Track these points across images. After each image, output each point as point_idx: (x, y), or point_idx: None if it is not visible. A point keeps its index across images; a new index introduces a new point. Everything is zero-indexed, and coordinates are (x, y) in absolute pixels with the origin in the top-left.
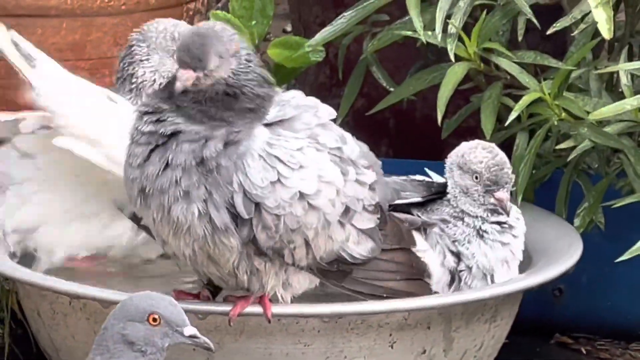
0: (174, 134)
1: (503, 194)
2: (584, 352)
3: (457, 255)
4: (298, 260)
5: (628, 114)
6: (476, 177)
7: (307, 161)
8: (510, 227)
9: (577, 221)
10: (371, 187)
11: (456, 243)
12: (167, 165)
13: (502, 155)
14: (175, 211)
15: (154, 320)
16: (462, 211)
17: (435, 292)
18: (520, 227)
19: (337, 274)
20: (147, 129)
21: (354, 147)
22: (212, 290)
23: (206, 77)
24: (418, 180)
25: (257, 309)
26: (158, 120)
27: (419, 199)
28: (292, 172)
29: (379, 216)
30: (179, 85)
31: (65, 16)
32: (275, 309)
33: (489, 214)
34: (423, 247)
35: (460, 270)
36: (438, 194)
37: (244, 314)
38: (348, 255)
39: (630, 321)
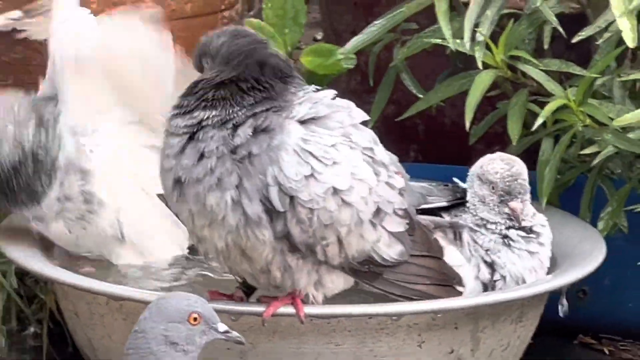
0: (199, 123)
1: (517, 204)
2: (607, 352)
3: (491, 266)
4: (331, 258)
5: None
6: (492, 188)
7: (341, 157)
8: (537, 234)
9: (600, 224)
10: (400, 192)
11: (489, 252)
12: (202, 155)
13: (518, 167)
14: (210, 200)
15: (194, 319)
16: (482, 219)
17: None
18: (547, 235)
19: (368, 275)
20: (178, 121)
21: (384, 152)
22: (246, 291)
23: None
24: (444, 184)
25: (290, 309)
26: (185, 112)
27: (444, 203)
28: (325, 168)
29: (407, 221)
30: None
31: None
32: (308, 310)
33: (508, 221)
34: (459, 262)
35: (495, 280)
36: (462, 198)
37: (277, 315)
38: (378, 257)
39: None
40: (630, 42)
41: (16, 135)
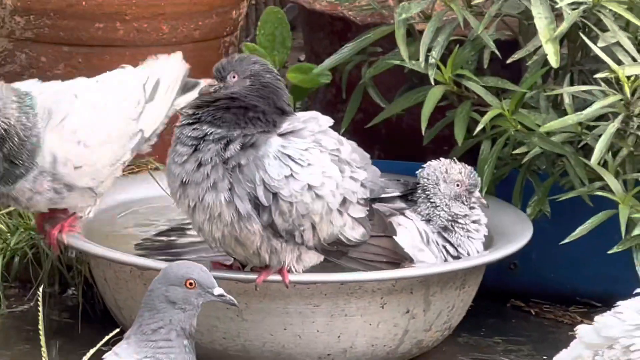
0: (203, 137)
1: (479, 193)
2: (533, 313)
3: (457, 257)
4: (306, 240)
5: (570, 127)
6: (458, 185)
7: (313, 159)
8: (480, 223)
9: (529, 210)
10: (362, 184)
11: (458, 247)
12: (200, 164)
13: (468, 167)
14: (207, 199)
15: (190, 284)
16: (456, 214)
17: None
18: (484, 219)
19: (336, 253)
20: (188, 133)
21: (348, 148)
22: (241, 262)
23: (225, 87)
24: (396, 179)
25: (278, 277)
26: (194, 123)
27: (398, 193)
28: (301, 169)
29: (368, 208)
30: (203, 88)
31: (128, 46)
32: (292, 277)
33: (472, 211)
34: (430, 259)
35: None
36: (413, 190)
37: (267, 281)
38: (345, 238)
39: (570, 289)
40: (553, 63)
41: (1, 109)
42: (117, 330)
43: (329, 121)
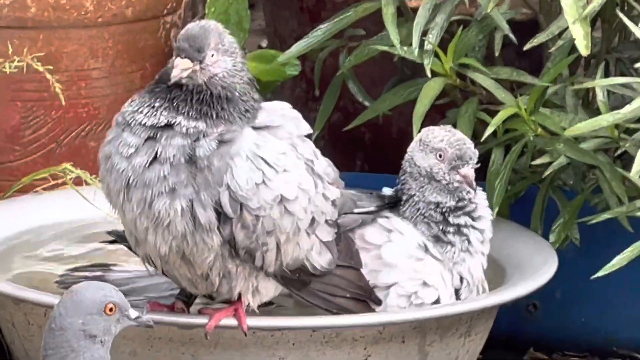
0: (167, 127)
1: (468, 170)
2: None
3: (460, 276)
4: (267, 264)
5: (604, 130)
6: (440, 155)
7: (290, 165)
8: (482, 231)
9: (552, 237)
10: (333, 203)
11: (456, 265)
12: (155, 158)
13: (460, 133)
14: (157, 205)
15: (110, 310)
16: (437, 204)
17: None
18: (488, 215)
19: (297, 283)
20: (144, 121)
21: (322, 161)
22: (185, 301)
23: (202, 70)
24: (370, 192)
25: (233, 321)
26: (155, 113)
27: (372, 208)
28: (276, 175)
29: (336, 231)
30: (175, 74)
31: (42, 28)
32: (251, 322)
33: (459, 201)
34: (434, 270)
35: (461, 288)
36: (389, 204)
37: (219, 327)
38: (310, 265)
39: (604, 337)
40: (583, 49)
41: None
42: None
43: (308, 129)
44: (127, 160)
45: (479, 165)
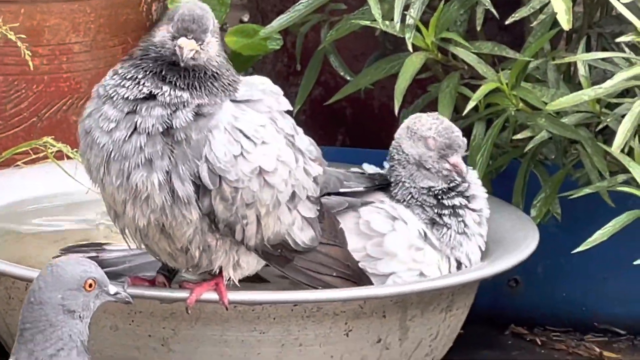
0: (149, 98)
1: (457, 158)
2: (539, 342)
3: (457, 260)
4: (248, 238)
5: (585, 105)
6: (426, 144)
7: (269, 137)
8: (480, 211)
9: (533, 212)
10: (315, 180)
11: (454, 250)
12: (134, 129)
13: (447, 121)
14: (134, 178)
15: (90, 285)
16: (428, 189)
17: None
18: (484, 198)
19: (279, 259)
20: (127, 94)
21: (304, 138)
22: (167, 275)
23: (203, 51)
24: (360, 172)
25: (214, 295)
26: (137, 86)
27: (361, 189)
28: (254, 147)
29: (318, 208)
30: (186, 55)
31: (23, 2)
32: (232, 296)
33: (450, 182)
34: (433, 261)
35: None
36: (380, 185)
37: (200, 301)
38: (292, 241)
39: (586, 312)
40: (565, 24)
41: None
42: None
43: (288, 105)
44: (108, 135)
45: (467, 153)
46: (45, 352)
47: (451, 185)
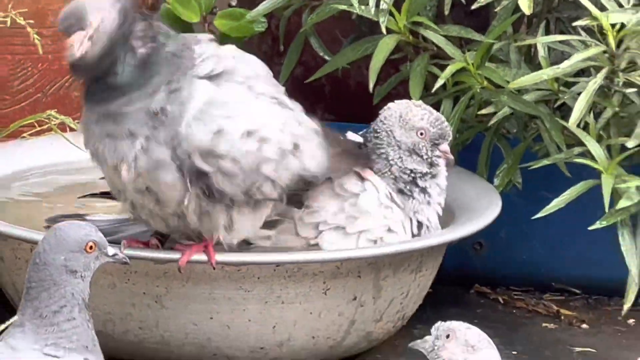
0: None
1: (447, 147)
2: (502, 301)
3: (419, 223)
4: (269, 194)
5: (544, 83)
6: (421, 134)
7: (245, 106)
8: (441, 185)
9: (496, 181)
10: (308, 126)
11: (417, 214)
12: (120, 115)
13: (436, 112)
14: (122, 148)
15: (90, 248)
16: (411, 170)
17: None
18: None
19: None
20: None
21: (287, 98)
22: (160, 239)
23: (97, 34)
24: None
25: (203, 257)
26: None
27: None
28: (230, 120)
29: (320, 134)
30: (74, 51)
31: None
32: (219, 257)
33: (431, 167)
34: (399, 218)
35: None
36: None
37: (191, 262)
38: (307, 173)
39: (544, 273)
40: (526, 9)
41: None
42: (15, 318)
43: (265, 69)
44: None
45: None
46: (49, 308)
47: (431, 170)
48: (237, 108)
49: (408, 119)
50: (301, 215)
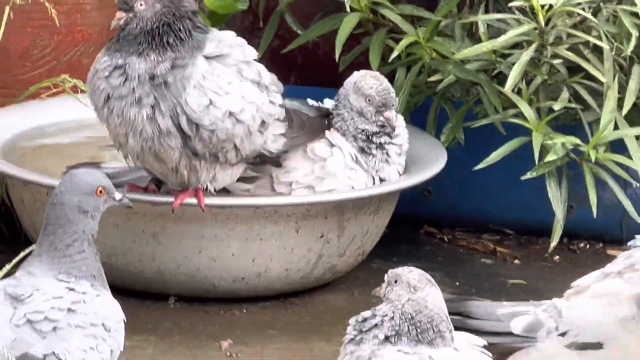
0: (136, 52)
1: (390, 114)
2: (446, 240)
3: (382, 180)
4: (230, 159)
5: (484, 55)
6: (369, 100)
7: (232, 89)
8: (400, 145)
9: (443, 138)
10: (281, 106)
11: (378, 172)
12: (126, 79)
13: (386, 82)
14: (130, 114)
15: (100, 192)
16: (363, 130)
17: None
18: (405, 136)
19: (258, 163)
20: (112, 64)
21: (267, 76)
22: (157, 184)
23: (135, 17)
24: (309, 104)
25: (194, 200)
26: (119, 57)
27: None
28: (220, 98)
29: (286, 123)
30: (113, 23)
31: None
32: (208, 201)
33: (382, 129)
34: (362, 178)
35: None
36: (325, 115)
37: (183, 204)
38: (267, 152)
39: (483, 217)
40: None
41: None
42: (32, 247)
43: (254, 54)
44: (105, 81)
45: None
46: (63, 242)
47: (381, 129)
48: (224, 88)
49: (360, 87)
50: (277, 174)
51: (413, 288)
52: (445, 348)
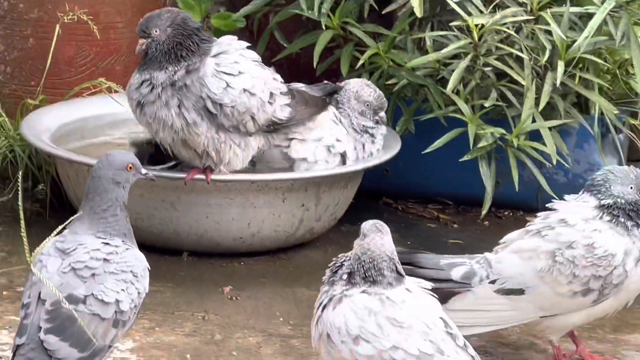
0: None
1: (384, 114)
2: (400, 209)
3: (370, 154)
4: (249, 129)
5: (430, 64)
6: (367, 105)
7: (242, 67)
8: (382, 134)
9: (397, 128)
10: (281, 82)
11: (371, 155)
12: (152, 87)
13: (379, 90)
14: (161, 114)
15: (130, 167)
16: (364, 125)
17: None
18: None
19: (272, 131)
20: (141, 79)
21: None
22: (175, 164)
23: (153, 41)
24: (316, 85)
25: (202, 176)
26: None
27: (320, 94)
28: (234, 78)
29: (290, 96)
30: (137, 49)
31: None
32: (213, 177)
33: (374, 124)
34: (350, 147)
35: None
36: (332, 92)
37: (194, 179)
38: (277, 119)
39: (429, 191)
40: (418, 13)
41: None
42: (79, 214)
43: (246, 44)
44: (137, 91)
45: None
46: (100, 207)
47: (375, 124)
48: (234, 71)
49: (360, 95)
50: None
51: (363, 235)
52: (399, 289)
